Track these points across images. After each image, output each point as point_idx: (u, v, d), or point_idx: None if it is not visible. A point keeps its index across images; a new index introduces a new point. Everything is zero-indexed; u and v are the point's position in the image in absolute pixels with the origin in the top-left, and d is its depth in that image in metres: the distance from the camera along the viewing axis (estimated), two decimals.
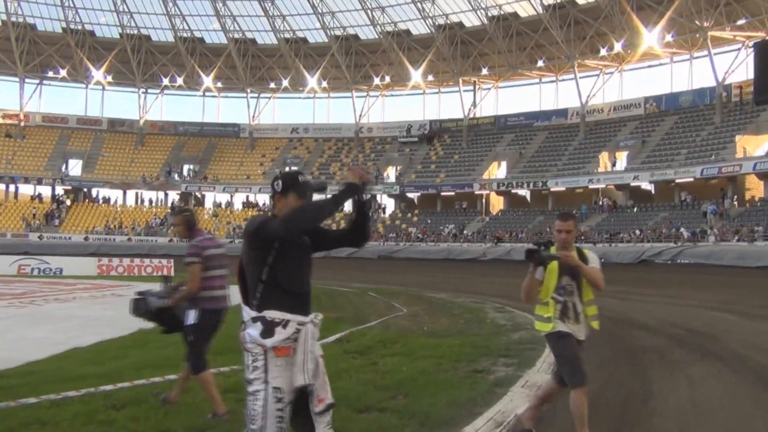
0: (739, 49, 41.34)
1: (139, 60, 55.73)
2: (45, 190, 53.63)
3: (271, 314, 3.16)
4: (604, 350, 9.23)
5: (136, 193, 54.88)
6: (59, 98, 65.14)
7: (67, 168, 54.81)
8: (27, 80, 56.09)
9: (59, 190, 53.36)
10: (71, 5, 52.82)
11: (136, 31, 54.84)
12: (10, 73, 55.15)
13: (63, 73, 56.32)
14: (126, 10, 53.42)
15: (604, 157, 43.46)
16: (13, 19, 52.69)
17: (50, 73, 56.59)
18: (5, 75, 55.76)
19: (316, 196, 3.40)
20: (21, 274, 26.50)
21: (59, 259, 28.03)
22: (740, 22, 39.93)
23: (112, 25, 55.14)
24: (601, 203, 41.88)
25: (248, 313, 3.23)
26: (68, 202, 52.21)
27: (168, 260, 29.05)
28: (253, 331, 3.17)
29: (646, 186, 41.00)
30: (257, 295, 3.22)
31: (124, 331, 10.10)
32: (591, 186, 42.25)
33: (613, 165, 42.90)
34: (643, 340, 10.13)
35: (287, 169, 45.84)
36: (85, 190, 54.18)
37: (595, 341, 10.52)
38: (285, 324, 3.17)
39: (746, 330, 10.90)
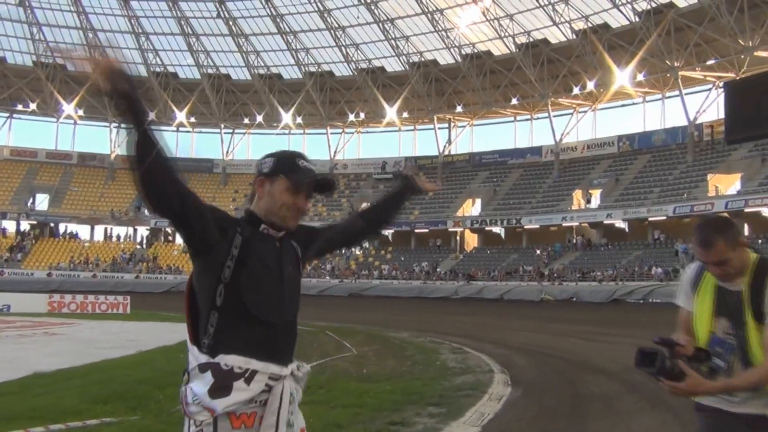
0: (710, 89, 41.60)
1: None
2: (10, 225, 52.30)
3: (229, 360, 2.14)
4: (548, 398, 8.47)
5: (105, 229, 53.68)
6: (30, 132, 64.36)
7: (33, 202, 53.58)
8: None
9: (24, 225, 52.04)
10: (41, 38, 52.24)
11: None
12: None
13: (33, 106, 55.46)
14: (97, 44, 52.86)
15: (578, 194, 43.20)
16: None
17: (20, 107, 55.69)
18: None
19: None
20: None
21: (8, 296, 26.83)
22: (710, 62, 40.23)
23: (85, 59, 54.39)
24: (575, 241, 41.43)
25: (195, 357, 2.19)
26: (31, 238, 50.84)
27: (124, 297, 27.95)
28: (199, 387, 2.13)
29: (620, 224, 40.68)
30: (209, 330, 2.19)
31: (13, 374, 8.96)
32: (565, 224, 41.88)
33: (587, 203, 42.63)
34: (594, 386, 9.37)
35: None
36: (52, 225, 52.88)
37: (544, 387, 9.76)
38: (249, 377, 2.14)
39: None
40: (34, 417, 5.96)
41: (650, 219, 38.10)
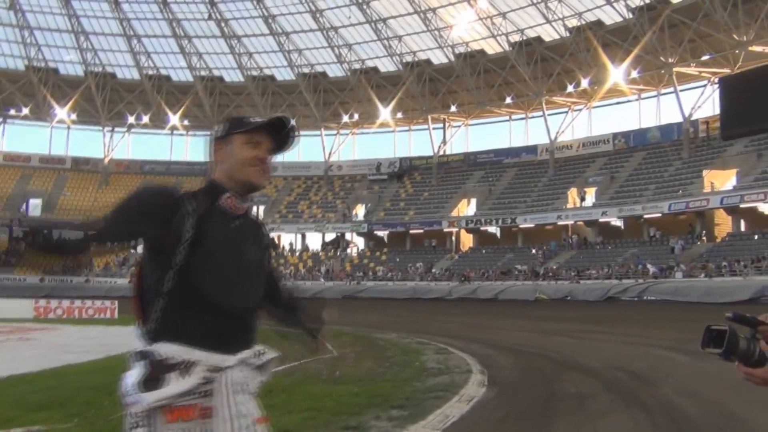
0: (704, 85, 41.30)
1: (104, 98, 54.81)
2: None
3: (166, 350, 1.97)
4: (521, 398, 8.11)
5: None
6: (23, 137, 64.02)
7: (27, 208, 53.26)
8: None
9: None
10: (34, 42, 51.95)
11: (101, 69, 54.02)
12: None
13: (26, 111, 55.18)
14: (90, 47, 52.66)
15: (573, 193, 42.86)
16: None
17: (12, 111, 55.40)
18: None
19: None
20: None
21: None
22: (705, 58, 39.91)
23: (76, 63, 54.26)
24: (570, 240, 41.06)
25: (138, 341, 2.06)
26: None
27: (112, 302, 27.55)
28: (132, 377, 1.97)
29: (615, 222, 40.33)
30: (154, 316, 2.03)
31: None
32: (560, 222, 41.55)
33: (582, 201, 42.26)
34: (572, 386, 9.00)
35: (255, 206, 44.78)
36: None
37: (520, 387, 9.41)
38: (185, 368, 1.96)
39: (690, 372, 9.82)
40: None
41: (645, 216, 37.76)
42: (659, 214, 36.93)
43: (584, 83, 44.56)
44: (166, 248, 2.05)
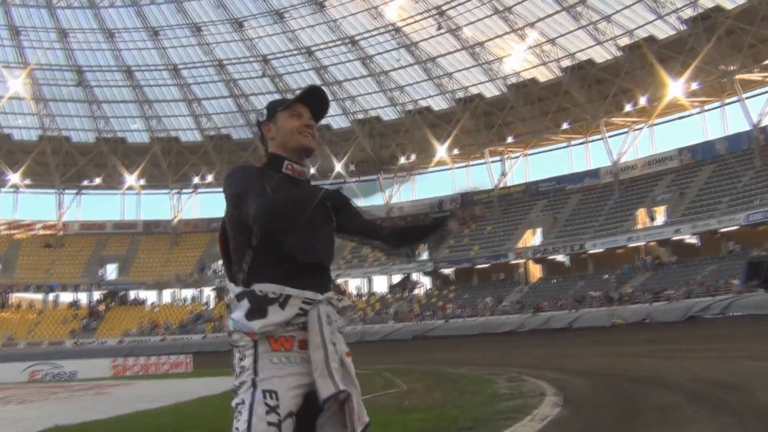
0: None
1: (170, 162, 56.85)
2: (83, 297, 54.02)
3: (263, 287, 2.27)
4: (598, 414, 7.64)
5: (172, 292, 54.77)
6: (97, 205, 66.85)
7: (104, 273, 55.29)
8: (66, 191, 57.96)
9: (96, 295, 53.64)
10: (102, 115, 54.73)
11: (165, 135, 56.26)
12: (47, 185, 57.04)
13: (98, 180, 57.76)
14: (154, 114, 55.10)
15: (641, 213, 41.44)
16: (49, 133, 54.71)
17: (86, 182, 58.10)
18: (44, 188, 57.67)
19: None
20: (32, 381, 25.79)
21: (74, 362, 27.30)
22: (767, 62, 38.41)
23: (142, 131, 56.70)
24: (644, 261, 39.53)
25: (232, 290, 2.37)
26: (102, 308, 52.29)
27: (187, 356, 28.02)
28: (237, 314, 2.27)
29: (690, 239, 38.60)
30: (244, 266, 2.34)
31: (33, 428, 8.74)
32: (631, 244, 40.08)
33: (652, 220, 40.78)
34: (655, 399, 8.44)
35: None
36: (122, 293, 54.32)
37: (597, 404, 8.87)
38: (284, 301, 2.26)
39: None
40: None
41: (722, 230, 36.02)
42: (737, 227, 35.16)
43: (642, 101, 43.47)
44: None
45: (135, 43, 50.52)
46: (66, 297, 54.09)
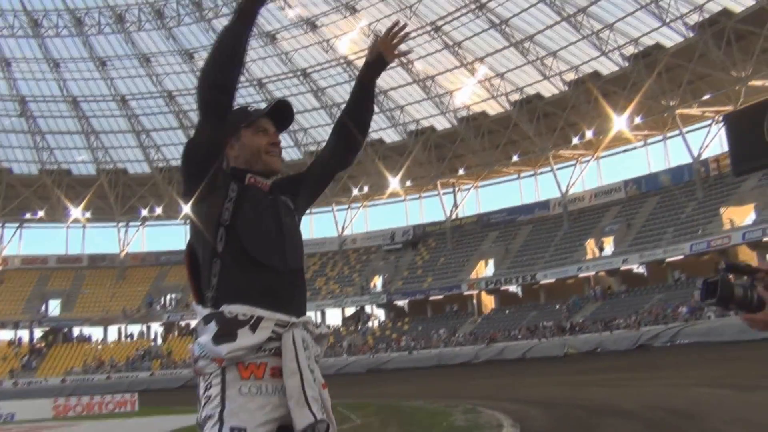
0: (710, 124, 41.18)
1: (117, 194, 55.56)
2: (24, 334, 51.80)
3: (233, 309, 2.10)
4: None
5: (119, 328, 53.04)
6: (39, 239, 64.90)
7: (46, 309, 53.27)
8: (7, 225, 55.95)
9: (37, 332, 51.56)
10: (45, 146, 53.32)
11: (112, 166, 55.07)
12: None
13: (41, 213, 55.98)
14: (100, 145, 53.96)
15: (590, 244, 42.25)
16: None
17: (28, 215, 56.22)
18: None
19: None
20: None
21: (12, 404, 25.98)
22: (706, 97, 39.95)
23: (88, 162, 55.38)
24: (594, 291, 40.18)
25: (200, 313, 2.18)
26: (43, 345, 50.26)
27: (132, 395, 27.01)
28: (204, 337, 2.09)
29: (638, 269, 39.51)
30: (213, 282, 2.16)
31: None
32: (581, 274, 40.73)
33: (601, 251, 41.60)
34: (613, 428, 8.42)
35: None
36: (65, 330, 52.37)
37: None
38: (254, 323, 2.08)
39: (736, 404, 9.22)
40: None
41: (668, 260, 36.96)
42: (681, 257, 36.13)
43: (589, 134, 44.63)
44: (211, 200, 2.18)
45: (81, 73, 49.63)
46: (5, 335, 51.76)
